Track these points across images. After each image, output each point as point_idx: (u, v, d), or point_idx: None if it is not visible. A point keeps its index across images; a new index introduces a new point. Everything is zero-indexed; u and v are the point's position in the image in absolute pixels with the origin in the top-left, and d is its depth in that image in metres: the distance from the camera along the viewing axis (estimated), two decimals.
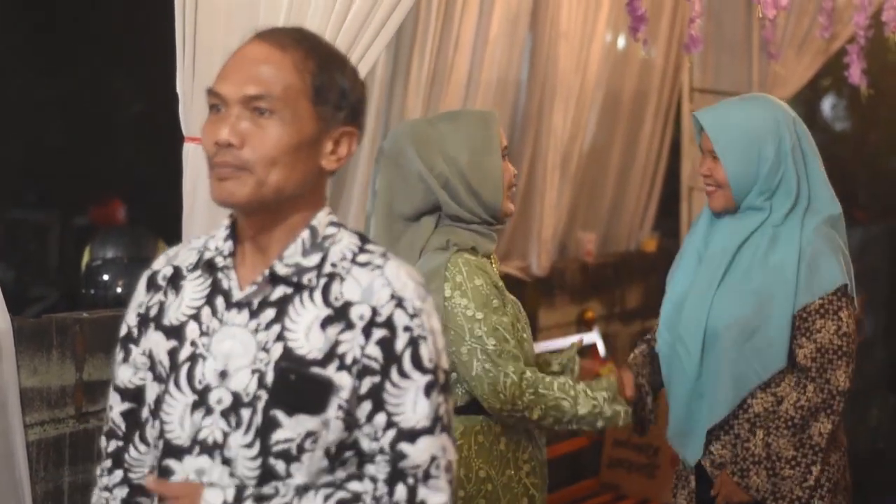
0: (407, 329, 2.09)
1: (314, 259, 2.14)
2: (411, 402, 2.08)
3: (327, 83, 2.15)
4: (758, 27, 6.58)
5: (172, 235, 3.81)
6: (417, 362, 2.09)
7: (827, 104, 12.84)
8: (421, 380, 2.09)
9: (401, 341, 2.08)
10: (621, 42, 6.63)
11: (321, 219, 2.18)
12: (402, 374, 2.08)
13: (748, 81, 6.90)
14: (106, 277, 4.79)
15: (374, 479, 2.09)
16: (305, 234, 2.16)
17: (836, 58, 6.53)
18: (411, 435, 2.08)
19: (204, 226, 3.29)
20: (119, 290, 4.74)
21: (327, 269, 2.13)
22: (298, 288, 2.12)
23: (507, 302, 3.20)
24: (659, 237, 7.35)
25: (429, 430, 2.09)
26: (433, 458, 2.09)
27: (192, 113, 3.30)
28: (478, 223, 3.22)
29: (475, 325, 3.09)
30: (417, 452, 2.08)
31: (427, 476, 2.08)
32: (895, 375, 11.20)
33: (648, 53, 5.00)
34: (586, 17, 6.07)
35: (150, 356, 2.22)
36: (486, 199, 3.20)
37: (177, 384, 2.15)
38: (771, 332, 3.34)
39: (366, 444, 2.11)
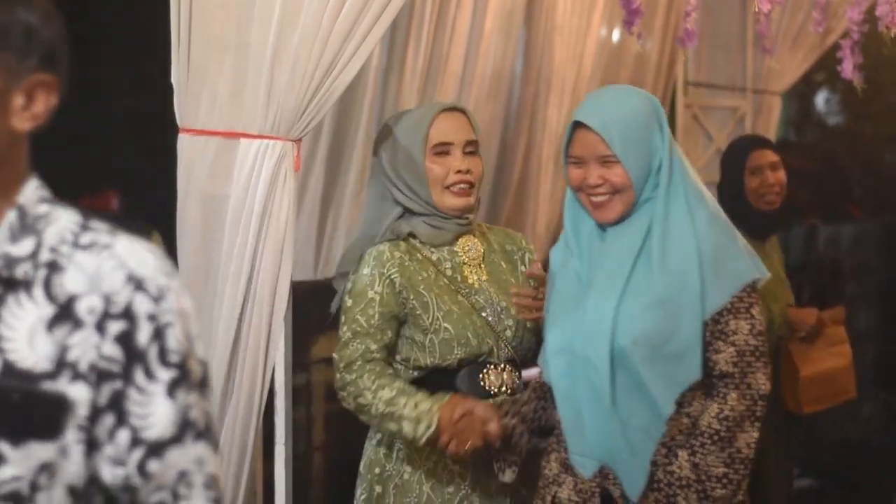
0: (151, 317, 1.67)
1: (27, 246, 1.70)
2: (157, 407, 1.68)
3: (6, 22, 1.71)
4: (752, 21, 6.58)
5: (166, 227, 3.81)
6: (164, 356, 1.68)
7: (820, 99, 12.85)
8: (166, 376, 1.68)
9: (144, 333, 1.67)
10: (616, 35, 6.63)
11: (29, 194, 1.75)
12: (149, 374, 1.67)
13: (742, 75, 6.91)
14: None
15: None
16: (11, 215, 1.72)
17: (830, 52, 6.54)
18: (156, 449, 1.67)
19: (198, 217, 3.30)
20: None
21: (45, 256, 1.69)
22: (11, 285, 1.68)
23: (427, 292, 3.28)
24: None
25: (176, 440, 1.67)
26: (182, 475, 1.68)
27: (186, 105, 3.30)
28: (429, 215, 3.32)
29: (344, 313, 3.29)
30: (163, 470, 1.67)
31: (176, 498, 1.67)
32: (887, 372, 11.22)
33: (643, 47, 5.00)
34: (581, 11, 6.07)
35: None
36: (421, 195, 3.28)
37: None
38: (681, 343, 2.95)
39: (108, 474, 1.67)
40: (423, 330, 3.25)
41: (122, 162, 11.08)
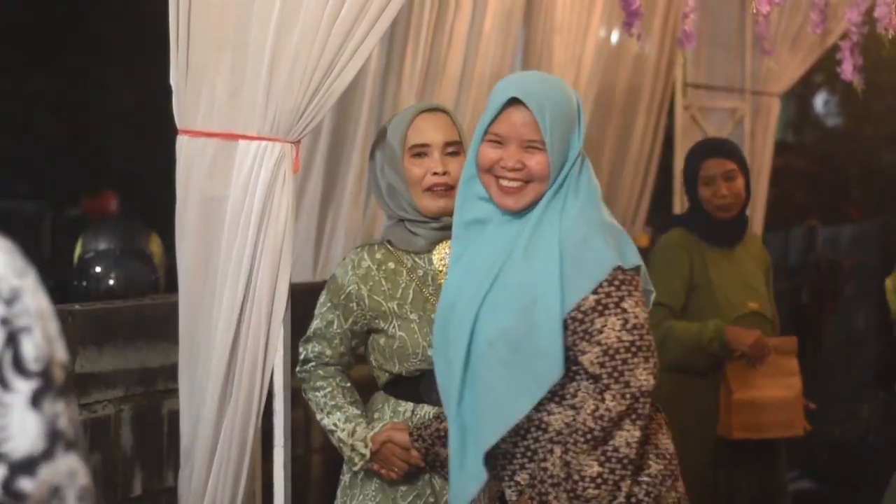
0: (3, 322, 1.50)
1: None
2: (19, 421, 1.49)
3: None
4: (751, 23, 6.58)
5: (164, 228, 3.81)
6: (20, 364, 1.51)
7: (819, 100, 12.86)
8: (25, 388, 1.50)
9: None
10: (615, 37, 6.64)
11: None
12: (4, 385, 1.50)
13: (741, 77, 6.91)
14: (98, 270, 4.78)
15: None
16: None
17: (829, 54, 6.54)
18: (27, 466, 1.49)
19: (197, 218, 3.29)
20: (111, 282, 4.74)
21: None
22: None
23: (393, 297, 3.30)
24: (651, 232, 7.35)
25: (47, 454, 1.50)
26: (55, 491, 1.51)
27: (185, 105, 3.29)
28: (409, 220, 3.32)
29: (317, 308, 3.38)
30: (36, 488, 1.49)
31: None
32: (885, 371, 11.23)
33: (642, 48, 5.00)
34: (580, 12, 6.08)
35: None
36: (403, 197, 3.29)
37: None
38: (540, 340, 2.77)
39: None
40: (385, 337, 3.28)
41: (121, 163, 11.09)
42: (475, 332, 2.84)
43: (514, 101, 2.85)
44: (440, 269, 3.33)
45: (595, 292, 2.76)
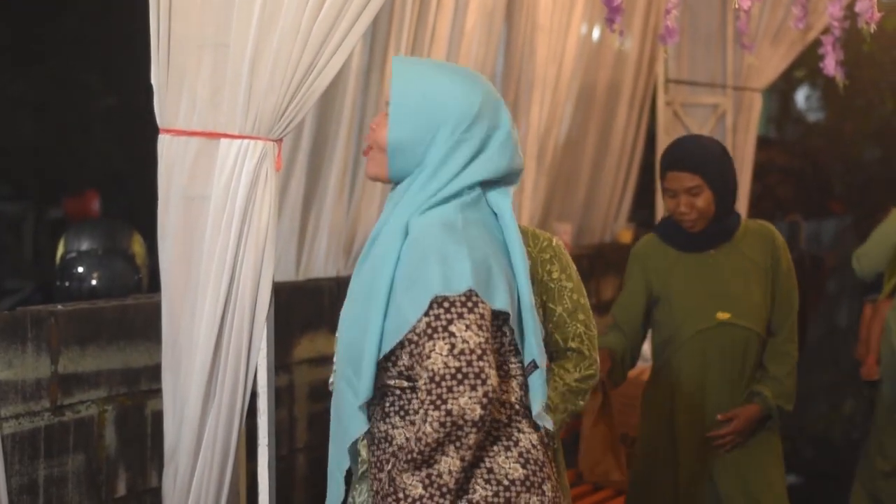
0: None
1: None
2: None
3: None
4: (732, 18, 6.60)
5: (146, 227, 3.80)
6: None
7: (801, 95, 12.88)
8: None
9: None
10: (596, 33, 6.64)
11: None
12: None
13: (722, 72, 6.92)
14: (81, 270, 4.76)
15: None
16: None
17: (811, 48, 6.56)
18: None
19: (179, 217, 3.29)
20: (94, 282, 4.72)
21: None
22: None
23: None
24: (634, 228, 7.36)
25: None
26: None
27: (166, 104, 3.29)
28: None
29: None
30: None
31: None
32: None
33: (623, 45, 5.00)
34: (562, 9, 6.08)
35: None
36: None
37: None
38: (363, 358, 2.68)
39: None
40: None
41: (102, 162, 11.06)
42: (340, 339, 2.81)
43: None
44: None
45: (427, 314, 2.59)
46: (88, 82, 11.08)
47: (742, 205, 6.96)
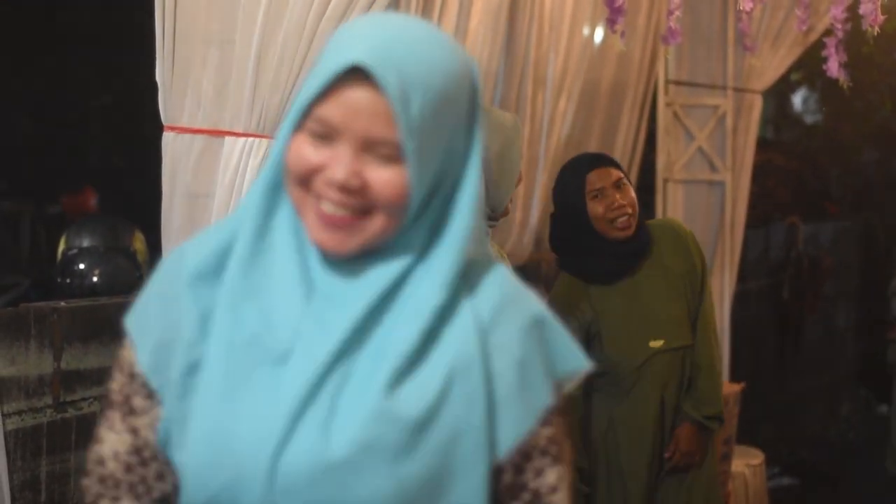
0: None
1: None
2: None
3: None
4: (733, 19, 6.59)
5: (149, 225, 3.80)
6: None
7: (799, 97, 12.89)
8: None
9: None
10: (599, 34, 6.64)
11: None
12: None
13: (723, 74, 6.92)
14: (82, 266, 4.76)
15: None
16: None
17: (809, 50, 6.56)
18: None
19: (183, 215, 3.29)
20: (95, 279, 4.72)
21: None
22: None
23: None
24: None
25: None
26: None
27: (171, 102, 3.29)
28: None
29: None
30: None
31: None
32: (866, 368, 11.27)
33: (626, 45, 5.01)
34: (565, 9, 6.08)
35: None
36: (500, 193, 3.22)
37: None
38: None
39: None
40: None
41: (103, 160, 11.06)
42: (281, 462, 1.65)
43: (357, 73, 1.67)
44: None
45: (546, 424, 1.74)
46: (89, 77, 11.08)
47: (741, 207, 6.96)
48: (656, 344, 4.07)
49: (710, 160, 6.71)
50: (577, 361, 1.79)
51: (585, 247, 4.07)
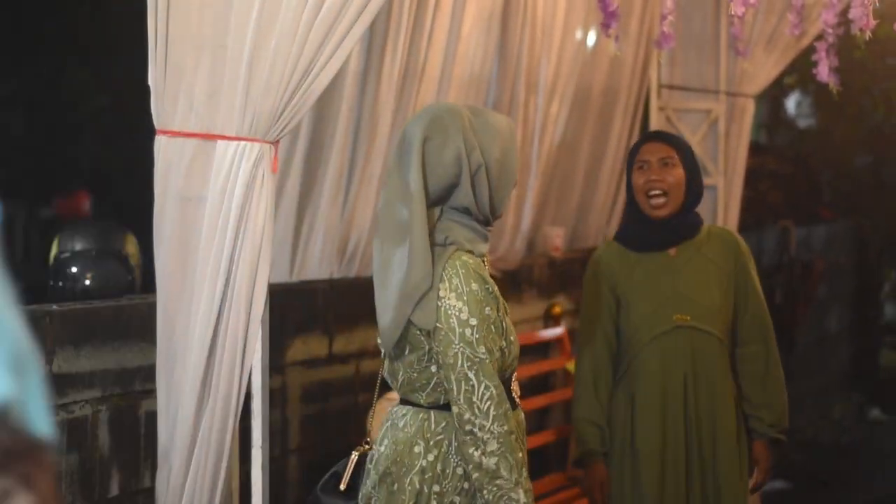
0: None
1: None
2: None
3: None
4: (726, 24, 6.61)
5: (141, 228, 3.80)
6: None
7: (791, 101, 12.90)
8: None
9: None
10: (591, 38, 6.65)
11: None
12: None
13: (716, 78, 6.93)
14: (74, 270, 4.75)
15: None
16: None
17: (801, 55, 6.57)
18: None
19: (175, 219, 3.29)
20: (87, 282, 4.72)
21: None
22: None
23: (500, 307, 3.18)
24: None
25: None
26: None
27: (163, 105, 3.29)
28: (478, 221, 3.18)
29: (467, 330, 3.05)
30: None
31: None
32: (858, 371, 11.29)
33: (619, 50, 5.01)
34: (558, 14, 6.09)
35: None
36: (498, 197, 3.18)
37: None
38: None
39: None
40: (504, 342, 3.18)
41: (95, 163, 11.05)
42: None
43: None
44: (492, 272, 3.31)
45: None
46: (82, 81, 11.07)
47: (733, 210, 6.98)
48: (682, 318, 4.09)
49: (702, 164, 6.72)
50: None
51: (629, 214, 4.27)
